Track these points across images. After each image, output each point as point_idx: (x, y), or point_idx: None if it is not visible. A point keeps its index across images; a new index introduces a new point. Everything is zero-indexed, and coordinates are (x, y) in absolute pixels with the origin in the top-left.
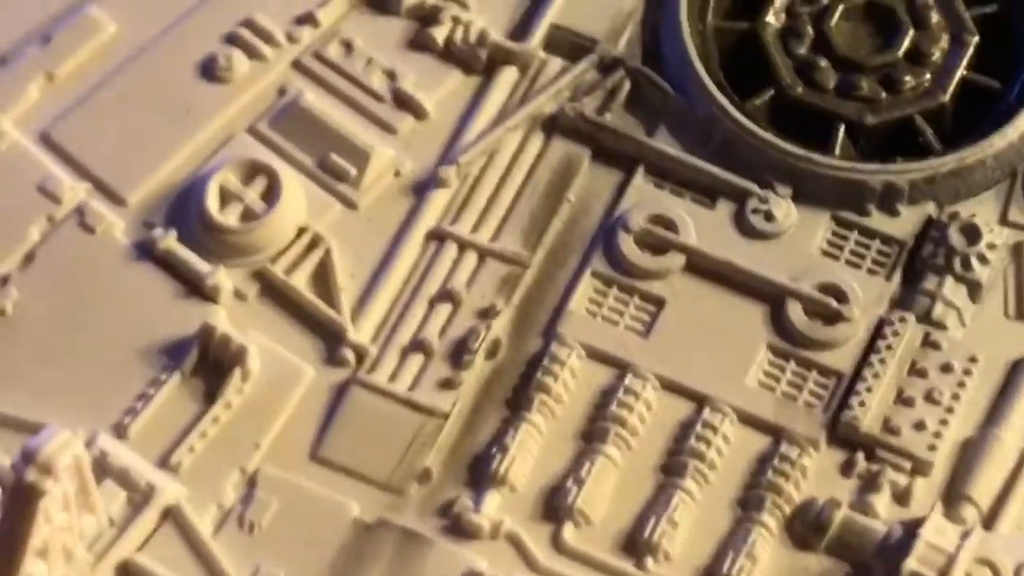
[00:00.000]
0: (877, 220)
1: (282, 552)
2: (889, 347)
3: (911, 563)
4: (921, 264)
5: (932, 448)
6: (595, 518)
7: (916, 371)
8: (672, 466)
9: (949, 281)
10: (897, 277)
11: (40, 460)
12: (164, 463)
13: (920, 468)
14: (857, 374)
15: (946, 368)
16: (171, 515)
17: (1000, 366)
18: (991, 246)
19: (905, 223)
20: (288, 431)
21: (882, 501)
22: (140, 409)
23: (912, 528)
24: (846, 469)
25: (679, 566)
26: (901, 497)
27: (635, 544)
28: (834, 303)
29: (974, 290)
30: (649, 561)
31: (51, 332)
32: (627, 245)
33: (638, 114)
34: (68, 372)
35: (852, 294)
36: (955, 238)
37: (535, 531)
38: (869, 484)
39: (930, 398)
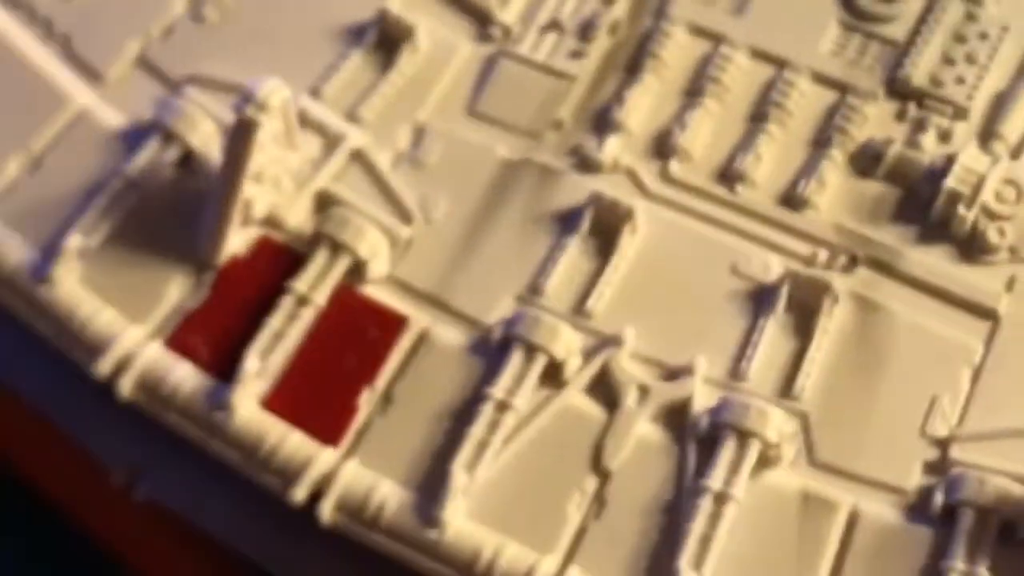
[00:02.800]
0: None
1: (444, 184)
2: (937, 20)
3: (950, 182)
4: None
5: (970, 97)
6: (695, 155)
7: (958, 38)
8: (758, 114)
9: None
10: None
11: (257, 99)
12: (352, 117)
13: (960, 113)
14: (911, 43)
15: (983, 36)
16: (358, 155)
17: None
18: None
19: None
20: (449, 92)
21: (929, 140)
22: (331, 75)
23: (952, 159)
24: (900, 116)
25: (764, 190)
26: (944, 136)
27: (727, 174)
28: None
29: None
30: (739, 187)
31: (256, 18)
32: None
33: None
34: (271, 48)
35: None
36: None
37: (647, 165)
38: (918, 127)
39: (970, 59)
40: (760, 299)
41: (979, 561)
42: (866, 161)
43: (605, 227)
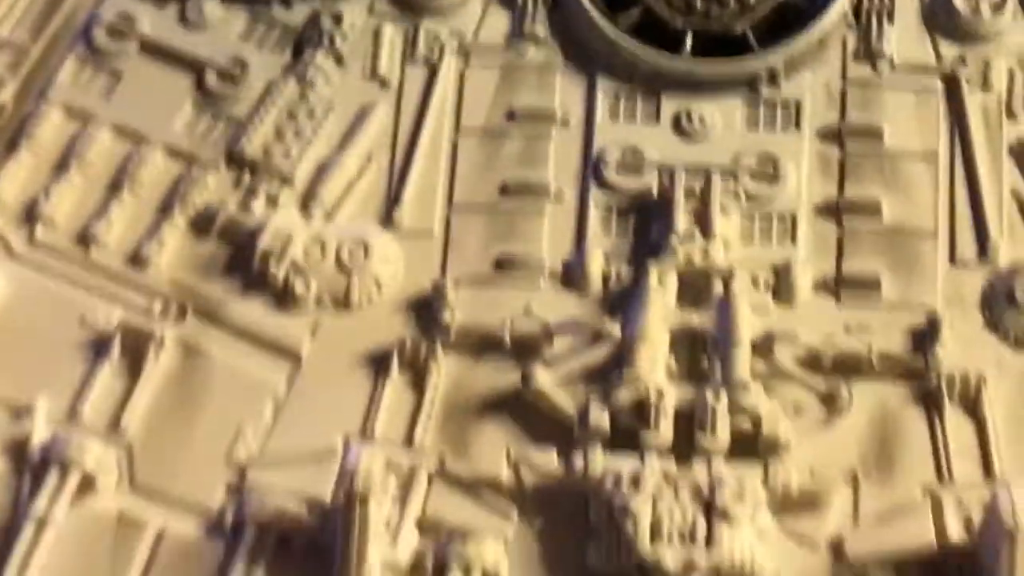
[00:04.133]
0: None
1: None
2: (274, 100)
3: (263, 242)
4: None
5: (294, 167)
6: (59, 221)
7: (291, 115)
8: (115, 184)
9: (320, 53)
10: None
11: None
12: None
13: (287, 181)
14: (249, 120)
15: (311, 114)
16: None
17: (353, 108)
18: (351, 26)
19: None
20: None
21: (258, 204)
22: None
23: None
24: (237, 183)
25: (113, 250)
26: (272, 201)
27: (84, 237)
28: None
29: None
30: (93, 248)
31: None
32: None
33: None
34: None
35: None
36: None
37: (16, 231)
38: (251, 193)
39: (298, 134)
40: (100, 347)
41: (255, 571)
42: (203, 223)
43: None
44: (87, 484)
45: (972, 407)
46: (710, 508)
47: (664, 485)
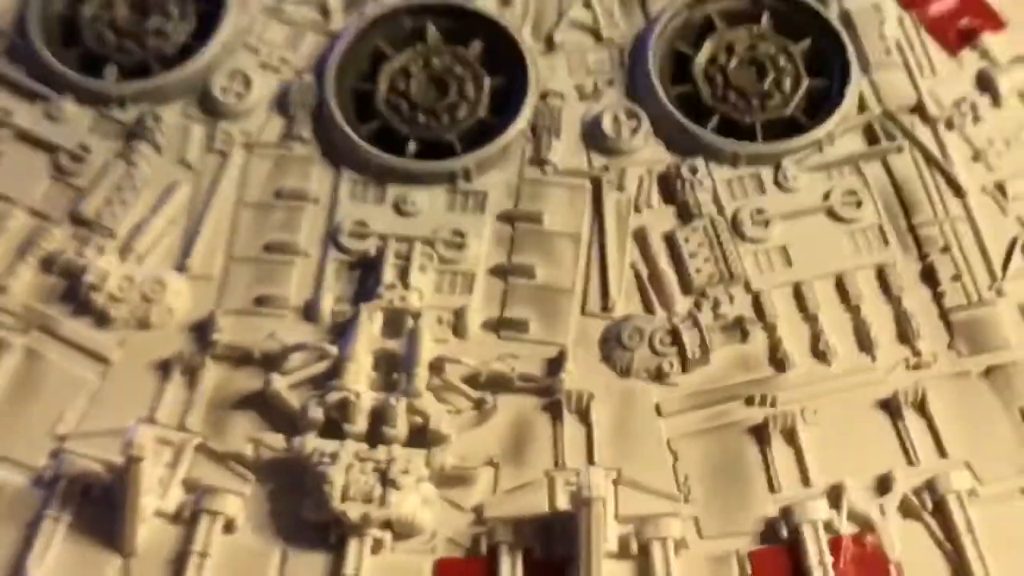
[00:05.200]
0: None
1: None
2: (107, 178)
3: (87, 278)
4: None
5: (118, 225)
6: None
7: (118, 187)
8: None
9: (143, 143)
10: None
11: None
12: None
13: (112, 235)
14: (90, 188)
15: (133, 187)
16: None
17: (164, 184)
18: (167, 124)
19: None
20: None
21: (91, 252)
22: None
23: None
24: (75, 235)
25: None
26: (101, 250)
27: None
28: None
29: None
30: None
31: None
32: None
33: None
34: None
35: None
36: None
37: None
38: (84, 243)
39: (122, 201)
40: None
41: (66, 510)
42: (49, 264)
43: None
44: None
45: (584, 416)
46: (385, 479)
47: (355, 461)
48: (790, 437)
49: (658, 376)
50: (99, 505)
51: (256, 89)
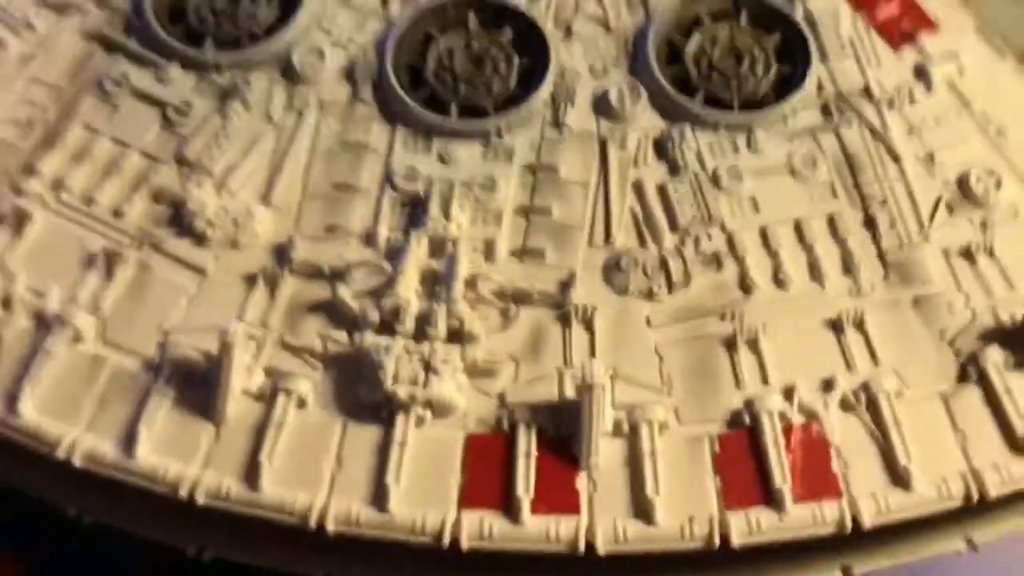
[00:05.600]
0: (216, 77)
1: None
2: (207, 129)
3: (191, 204)
4: (228, 94)
5: (214, 166)
6: None
7: (215, 137)
8: None
9: (238, 103)
10: None
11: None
12: None
13: (210, 174)
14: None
15: (228, 138)
16: None
17: (251, 137)
18: (256, 87)
19: (226, 79)
20: None
21: (191, 185)
22: None
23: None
24: (180, 173)
25: None
26: (199, 184)
27: None
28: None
29: (247, 106)
30: None
31: None
32: None
33: None
34: None
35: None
36: (241, 84)
37: None
38: (186, 179)
39: (207, 147)
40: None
41: (169, 390)
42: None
43: None
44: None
45: (588, 325)
46: (428, 367)
47: (403, 353)
48: (753, 346)
49: (649, 295)
50: (196, 385)
51: (328, 61)
